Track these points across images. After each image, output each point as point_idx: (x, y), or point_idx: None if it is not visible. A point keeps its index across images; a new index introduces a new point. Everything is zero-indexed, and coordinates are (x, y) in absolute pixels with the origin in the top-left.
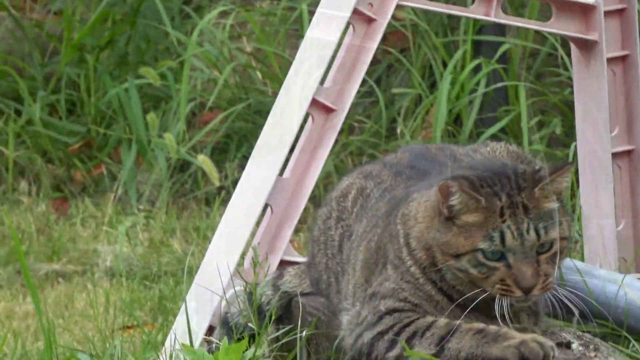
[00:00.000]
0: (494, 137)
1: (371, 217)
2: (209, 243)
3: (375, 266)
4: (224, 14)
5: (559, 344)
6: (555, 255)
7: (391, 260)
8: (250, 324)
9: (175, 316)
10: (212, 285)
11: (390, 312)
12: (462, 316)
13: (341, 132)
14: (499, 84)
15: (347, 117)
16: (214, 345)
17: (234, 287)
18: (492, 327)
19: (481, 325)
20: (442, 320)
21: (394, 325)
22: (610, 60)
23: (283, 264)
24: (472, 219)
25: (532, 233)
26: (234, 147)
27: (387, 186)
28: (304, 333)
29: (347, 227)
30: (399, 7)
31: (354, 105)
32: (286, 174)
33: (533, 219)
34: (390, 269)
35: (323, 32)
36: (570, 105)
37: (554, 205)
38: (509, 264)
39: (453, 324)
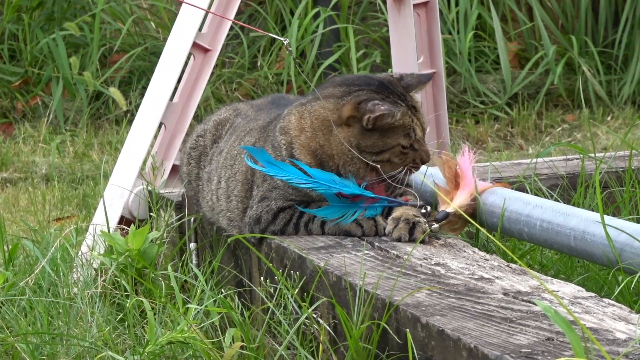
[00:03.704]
0: (330, 67)
1: (236, 138)
2: (119, 153)
3: (260, 176)
4: None
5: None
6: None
7: None
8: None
9: (95, 209)
10: (123, 185)
11: (282, 209)
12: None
13: (216, 66)
14: (333, 26)
15: (219, 55)
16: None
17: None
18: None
19: None
20: None
21: (292, 217)
22: (415, 6)
23: (175, 167)
24: (389, 125)
25: (425, 125)
26: (136, 80)
27: (251, 118)
28: (192, 219)
29: (218, 147)
30: None
31: (224, 46)
32: (175, 99)
33: (421, 115)
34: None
35: None
36: (386, 41)
37: (418, 98)
38: (416, 148)
39: None
